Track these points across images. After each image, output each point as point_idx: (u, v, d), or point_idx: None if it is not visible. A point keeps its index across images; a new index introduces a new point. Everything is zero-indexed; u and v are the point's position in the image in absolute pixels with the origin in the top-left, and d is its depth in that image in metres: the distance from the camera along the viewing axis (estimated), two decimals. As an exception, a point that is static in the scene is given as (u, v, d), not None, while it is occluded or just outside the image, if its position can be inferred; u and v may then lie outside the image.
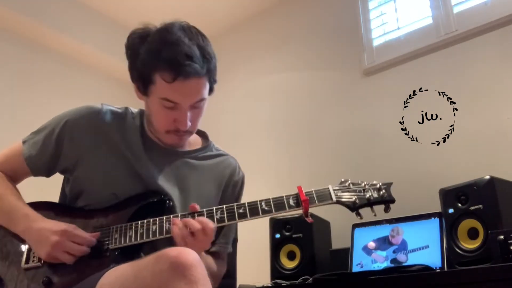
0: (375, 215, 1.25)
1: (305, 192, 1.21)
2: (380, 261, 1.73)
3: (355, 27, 2.42)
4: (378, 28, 2.36)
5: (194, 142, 1.42)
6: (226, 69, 2.93)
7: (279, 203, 1.21)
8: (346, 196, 1.24)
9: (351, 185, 1.26)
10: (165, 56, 1.17)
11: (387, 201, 1.25)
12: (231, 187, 1.42)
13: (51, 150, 1.29)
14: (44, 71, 2.71)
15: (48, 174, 1.34)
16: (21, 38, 2.64)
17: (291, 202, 1.21)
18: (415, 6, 2.25)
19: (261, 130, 2.69)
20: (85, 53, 2.87)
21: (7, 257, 1.22)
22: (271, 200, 1.21)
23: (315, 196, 1.22)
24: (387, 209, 1.25)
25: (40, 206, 1.27)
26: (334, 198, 1.22)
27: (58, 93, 2.72)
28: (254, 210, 1.20)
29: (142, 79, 1.23)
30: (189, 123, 1.25)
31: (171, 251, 0.92)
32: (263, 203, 1.20)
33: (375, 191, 1.25)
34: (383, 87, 2.26)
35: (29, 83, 2.63)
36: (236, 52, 2.95)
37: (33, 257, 1.20)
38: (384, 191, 1.25)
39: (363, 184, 1.27)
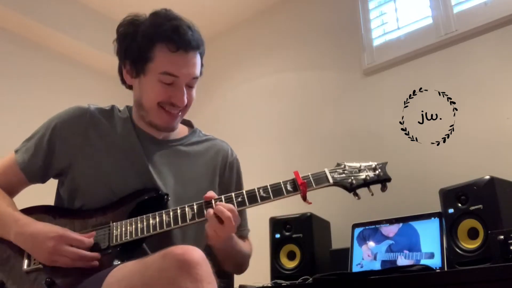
0: (372, 194, 1.25)
1: (302, 177, 1.22)
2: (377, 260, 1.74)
3: (355, 27, 2.42)
4: (378, 28, 2.36)
5: (180, 131, 1.42)
6: (224, 69, 2.93)
7: (276, 189, 1.21)
8: (343, 178, 1.24)
9: (346, 166, 1.26)
10: (169, 27, 1.23)
11: (383, 180, 1.25)
12: (227, 170, 1.42)
13: (44, 154, 1.29)
14: (40, 70, 2.71)
15: (43, 179, 1.34)
16: (16, 35, 2.64)
17: (289, 187, 1.21)
18: (415, 6, 2.25)
19: (260, 130, 2.68)
20: (81, 51, 2.86)
21: (8, 261, 1.22)
22: (268, 186, 1.21)
23: (312, 180, 1.22)
24: (383, 188, 1.26)
25: (36, 210, 1.27)
26: (331, 180, 1.23)
27: (56, 92, 2.71)
28: (252, 197, 1.20)
29: (139, 58, 1.25)
30: (185, 100, 1.26)
31: (177, 249, 0.92)
32: (261, 190, 1.21)
33: (370, 171, 1.26)
34: (383, 87, 2.26)
35: (27, 81, 2.63)
36: (235, 52, 2.95)
37: (34, 259, 1.19)
38: (379, 170, 1.26)
39: (358, 165, 1.27)
